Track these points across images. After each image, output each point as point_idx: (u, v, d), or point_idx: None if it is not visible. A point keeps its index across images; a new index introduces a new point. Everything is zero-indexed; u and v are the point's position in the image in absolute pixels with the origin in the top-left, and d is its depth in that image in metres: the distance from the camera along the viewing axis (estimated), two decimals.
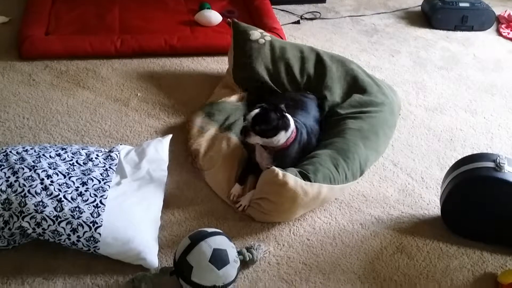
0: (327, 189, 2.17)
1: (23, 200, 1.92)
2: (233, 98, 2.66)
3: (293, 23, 3.66)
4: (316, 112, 2.53)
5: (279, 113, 2.15)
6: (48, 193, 1.95)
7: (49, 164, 2.06)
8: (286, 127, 2.18)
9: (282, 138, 2.18)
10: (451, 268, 2.09)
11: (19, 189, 1.94)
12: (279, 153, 2.22)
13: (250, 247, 2.03)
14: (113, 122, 2.64)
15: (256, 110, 2.15)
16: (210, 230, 1.90)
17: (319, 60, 2.79)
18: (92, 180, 2.05)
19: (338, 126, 2.48)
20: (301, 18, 3.72)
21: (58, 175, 2.02)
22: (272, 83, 2.72)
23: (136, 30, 3.25)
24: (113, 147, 2.29)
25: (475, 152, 2.59)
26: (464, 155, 2.26)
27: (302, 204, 2.13)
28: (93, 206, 1.96)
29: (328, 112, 2.60)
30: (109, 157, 2.19)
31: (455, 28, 3.73)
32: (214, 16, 3.37)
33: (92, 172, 2.09)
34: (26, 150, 2.12)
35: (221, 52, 3.13)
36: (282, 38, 3.20)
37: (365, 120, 2.50)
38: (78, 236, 1.90)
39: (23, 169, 2.01)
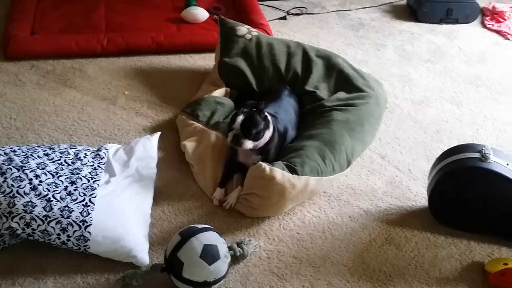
0: (314, 181, 2.19)
1: (11, 200, 1.91)
2: (218, 93, 2.66)
3: (279, 18, 3.66)
4: (289, 99, 2.56)
5: (262, 114, 2.19)
6: (37, 193, 1.95)
7: (37, 164, 2.05)
8: (268, 126, 2.23)
9: (267, 136, 2.22)
10: (439, 258, 2.12)
11: (8, 190, 1.94)
12: (263, 149, 2.25)
13: (241, 242, 2.04)
14: (101, 120, 2.63)
15: (241, 116, 2.17)
16: (200, 226, 1.91)
17: (305, 55, 2.80)
18: (81, 179, 2.05)
19: (324, 117, 2.50)
20: (288, 14, 3.72)
21: (46, 175, 2.02)
22: (257, 79, 2.73)
23: (122, 28, 3.24)
24: (102, 146, 2.29)
25: (461, 143, 2.61)
26: (450, 147, 2.28)
27: (291, 197, 2.15)
28: (83, 205, 1.96)
29: (314, 105, 2.62)
30: (97, 156, 2.19)
31: (440, 21, 3.76)
32: (200, 13, 3.37)
33: (80, 171, 2.09)
34: (14, 151, 2.11)
35: (208, 49, 3.12)
36: (268, 34, 3.21)
37: (351, 112, 2.53)
38: (68, 236, 1.90)
39: (11, 169, 2.00)
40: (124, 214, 2.01)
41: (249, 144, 2.17)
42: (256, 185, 2.14)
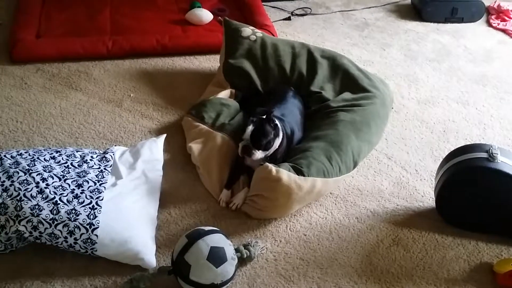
0: (321, 182, 2.18)
1: (19, 204, 1.91)
2: (223, 94, 2.66)
3: (284, 19, 3.66)
4: (294, 100, 2.55)
5: (272, 123, 2.19)
6: (43, 196, 1.95)
7: (44, 167, 2.06)
8: (278, 133, 2.23)
9: (276, 144, 2.22)
10: (447, 259, 2.10)
11: (15, 193, 1.94)
12: (271, 155, 2.24)
13: (248, 244, 2.04)
14: (107, 123, 2.63)
15: (250, 127, 2.16)
16: (207, 228, 1.91)
17: (311, 56, 2.80)
18: (88, 182, 2.05)
19: (330, 118, 2.49)
20: (292, 14, 3.72)
21: (53, 178, 2.02)
22: (262, 80, 2.73)
23: (128, 30, 3.24)
24: (108, 149, 2.29)
25: (468, 143, 2.60)
26: (457, 147, 2.27)
27: (297, 199, 2.14)
28: (89, 208, 1.96)
29: (320, 106, 2.61)
30: (104, 159, 2.19)
31: (446, 20, 3.74)
32: (205, 15, 3.37)
33: (87, 174, 2.09)
34: (21, 154, 2.12)
35: (213, 51, 3.12)
36: (273, 35, 3.21)
37: (357, 112, 2.52)
38: (75, 239, 1.90)
39: (18, 173, 2.00)
40: (131, 216, 2.01)
41: (259, 154, 2.17)
42: (262, 187, 2.14)
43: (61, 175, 2.05)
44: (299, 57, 2.79)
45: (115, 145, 2.41)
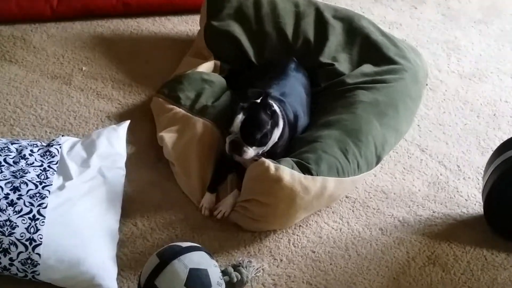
0: (334, 183, 2.19)
1: None
2: (204, 67, 2.66)
3: None
4: (297, 74, 2.55)
5: (268, 109, 2.18)
6: None
7: None
8: (278, 122, 2.22)
9: (275, 136, 2.23)
10: (499, 282, 2.12)
11: None
12: (269, 150, 2.25)
13: (238, 264, 2.04)
14: (52, 106, 2.62)
15: (241, 116, 2.15)
16: (184, 244, 1.91)
17: (320, 16, 2.80)
18: (27, 185, 2.04)
19: (345, 98, 2.51)
20: None
21: None
22: (256, 49, 2.74)
23: None
24: (53, 140, 2.28)
25: None
26: (511, 136, 2.28)
27: (303, 205, 2.15)
28: (29, 218, 1.95)
29: (332, 82, 2.62)
30: (47, 153, 2.19)
31: None
32: None
33: (26, 173, 2.08)
34: None
35: (191, 10, 3.12)
36: None
37: (381, 90, 2.53)
38: (10, 259, 1.89)
39: None
40: (84, 229, 2.01)
41: (252, 152, 2.17)
42: (257, 189, 2.14)
43: None
44: (304, 18, 2.79)
45: (62, 135, 2.40)
